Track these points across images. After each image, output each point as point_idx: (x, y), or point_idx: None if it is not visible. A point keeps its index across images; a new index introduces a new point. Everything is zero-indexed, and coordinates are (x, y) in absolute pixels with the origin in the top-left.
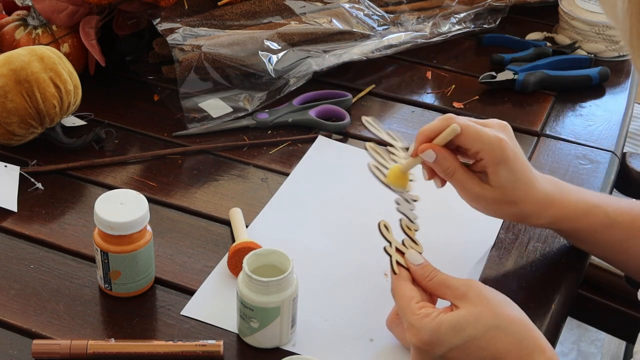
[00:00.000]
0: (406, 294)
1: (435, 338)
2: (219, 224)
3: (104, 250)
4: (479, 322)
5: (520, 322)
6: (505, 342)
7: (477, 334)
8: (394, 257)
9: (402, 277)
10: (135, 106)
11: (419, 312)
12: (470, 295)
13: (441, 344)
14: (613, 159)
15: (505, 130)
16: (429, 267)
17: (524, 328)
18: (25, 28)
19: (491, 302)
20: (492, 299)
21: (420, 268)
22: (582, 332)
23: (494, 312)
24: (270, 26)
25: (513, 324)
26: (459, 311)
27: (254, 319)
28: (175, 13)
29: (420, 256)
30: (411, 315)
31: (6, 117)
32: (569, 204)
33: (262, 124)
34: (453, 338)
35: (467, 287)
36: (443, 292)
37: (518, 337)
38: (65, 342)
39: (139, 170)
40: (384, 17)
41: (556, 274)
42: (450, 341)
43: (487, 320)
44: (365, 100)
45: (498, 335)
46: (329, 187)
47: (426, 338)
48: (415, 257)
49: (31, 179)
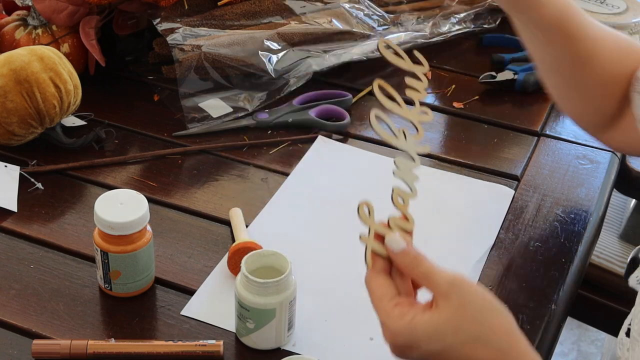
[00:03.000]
0: (379, 290)
1: (411, 341)
2: (219, 224)
3: (104, 250)
4: (459, 331)
5: (504, 331)
6: (486, 354)
7: (456, 343)
8: (369, 246)
9: (376, 269)
10: (135, 106)
11: (393, 314)
12: (453, 297)
13: (418, 348)
14: (613, 159)
15: None
16: (411, 254)
17: (507, 338)
18: (25, 28)
19: (474, 308)
20: (475, 302)
21: (402, 255)
22: (582, 332)
23: (476, 320)
24: (270, 26)
25: (496, 335)
26: (438, 315)
27: (250, 319)
28: (175, 13)
29: (401, 241)
30: (384, 316)
31: (6, 117)
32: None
33: (262, 124)
34: (431, 344)
35: (450, 286)
36: (426, 284)
37: (500, 349)
38: (65, 342)
39: (139, 170)
40: (384, 17)
41: (556, 274)
42: (429, 347)
43: (468, 329)
44: (365, 100)
45: (479, 347)
46: (329, 187)
47: (402, 341)
48: (395, 243)
49: (31, 179)
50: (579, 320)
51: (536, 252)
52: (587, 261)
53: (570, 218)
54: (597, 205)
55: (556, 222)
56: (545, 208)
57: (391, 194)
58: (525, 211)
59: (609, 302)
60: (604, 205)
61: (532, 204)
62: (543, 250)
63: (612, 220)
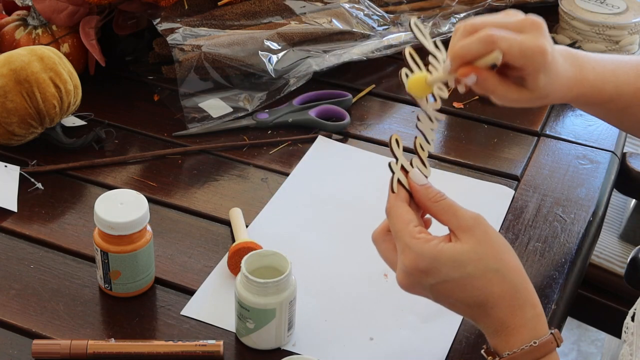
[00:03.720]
0: (404, 215)
1: (433, 267)
2: (219, 224)
3: (104, 250)
4: (481, 262)
5: (520, 272)
6: (502, 287)
7: (476, 273)
8: (396, 175)
9: (400, 198)
10: (135, 106)
11: (419, 236)
12: (477, 231)
13: (438, 274)
14: (613, 159)
15: (541, 30)
16: (434, 189)
17: (521, 279)
18: (25, 28)
19: (495, 244)
20: (497, 241)
21: (424, 189)
22: (582, 332)
23: (496, 255)
24: (270, 26)
25: (512, 272)
26: (462, 245)
27: (249, 319)
28: (175, 13)
29: (424, 177)
30: (410, 239)
31: (6, 117)
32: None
33: (262, 124)
34: (451, 271)
35: (474, 221)
36: (448, 218)
37: (514, 286)
38: (65, 342)
39: (139, 170)
40: (384, 17)
41: (556, 274)
42: (448, 273)
43: (489, 261)
44: (365, 100)
45: (496, 279)
46: (329, 187)
47: (423, 265)
48: (419, 177)
49: (31, 179)
50: (579, 320)
51: (536, 252)
52: (587, 261)
53: (570, 218)
54: (597, 205)
55: (556, 222)
56: (545, 208)
57: (414, 141)
58: (525, 211)
59: (609, 302)
60: (604, 205)
61: (532, 204)
62: (543, 250)
63: (612, 220)
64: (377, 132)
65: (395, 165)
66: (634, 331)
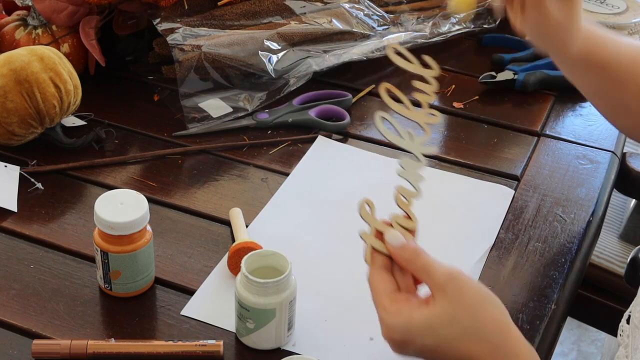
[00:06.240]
0: (378, 286)
1: (406, 338)
2: (219, 224)
3: (104, 250)
4: (454, 325)
5: (498, 325)
6: (480, 346)
7: (450, 336)
8: (368, 243)
9: (376, 266)
10: (135, 106)
11: (390, 310)
12: (448, 290)
13: (413, 343)
14: (613, 159)
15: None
16: (410, 248)
17: (500, 332)
18: (25, 28)
19: (469, 301)
20: (471, 296)
21: (401, 250)
22: (582, 332)
23: (470, 314)
24: (270, 26)
25: (489, 328)
26: (434, 308)
27: (249, 319)
28: (175, 13)
29: (399, 236)
30: (382, 312)
31: (6, 117)
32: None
33: (262, 124)
34: (425, 339)
35: (447, 279)
36: (424, 278)
37: (493, 343)
38: (65, 342)
39: (139, 170)
40: (384, 17)
41: (556, 274)
42: (423, 342)
43: (463, 322)
44: (365, 100)
45: (473, 339)
46: (329, 187)
47: (397, 337)
48: (394, 238)
49: (31, 179)
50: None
51: (536, 252)
52: (587, 261)
53: (570, 218)
54: (597, 205)
55: (556, 222)
56: (545, 208)
57: (394, 192)
58: (525, 211)
59: (609, 302)
60: (604, 205)
61: (532, 204)
62: (543, 250)
63: (612, 220)
64: (377, 132)
65: (367, 234)
66: (629, 333)
